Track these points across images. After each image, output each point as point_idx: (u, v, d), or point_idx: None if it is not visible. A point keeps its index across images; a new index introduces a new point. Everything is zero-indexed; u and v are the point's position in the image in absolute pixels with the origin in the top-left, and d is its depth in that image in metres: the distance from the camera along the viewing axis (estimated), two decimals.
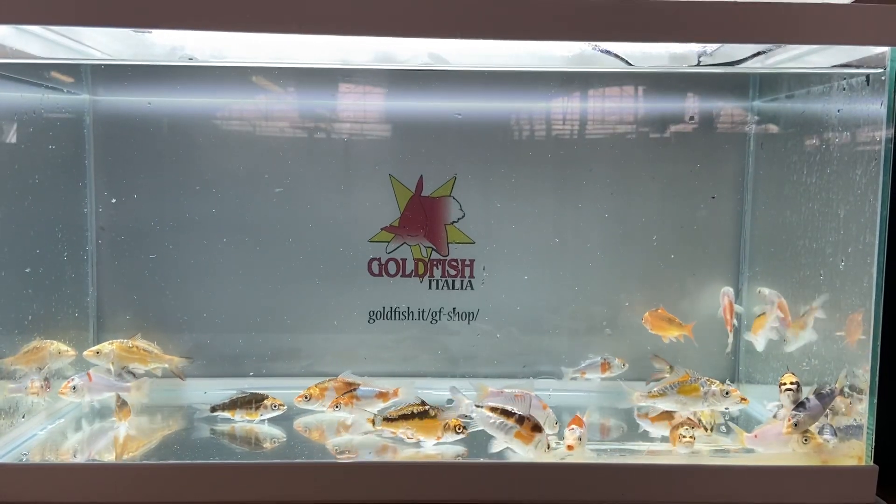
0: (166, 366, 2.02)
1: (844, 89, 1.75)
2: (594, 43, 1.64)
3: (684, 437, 1.73)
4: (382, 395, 1.89)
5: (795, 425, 1.67)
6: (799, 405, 1.70)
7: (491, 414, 1.65)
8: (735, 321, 2.10)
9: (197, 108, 2.12)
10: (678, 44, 1.68)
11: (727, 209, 2.18)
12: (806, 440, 1.68)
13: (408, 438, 1.77)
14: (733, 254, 2.19)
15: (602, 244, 2.18)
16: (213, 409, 1.91)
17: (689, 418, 1.80)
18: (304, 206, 2.14)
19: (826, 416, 1.71)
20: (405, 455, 1.72)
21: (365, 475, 1.58)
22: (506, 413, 1.64)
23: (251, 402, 1.90)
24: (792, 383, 1.75)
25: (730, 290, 2.12)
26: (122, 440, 1.82)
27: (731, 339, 2.10)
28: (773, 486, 1.60)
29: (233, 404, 1.91)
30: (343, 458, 1.70)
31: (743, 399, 1.78)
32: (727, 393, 1.77)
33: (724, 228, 2.18)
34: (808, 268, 1.87)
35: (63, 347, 1.95)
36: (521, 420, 1.63)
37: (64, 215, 2.05)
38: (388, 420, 1.77)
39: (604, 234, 2.18)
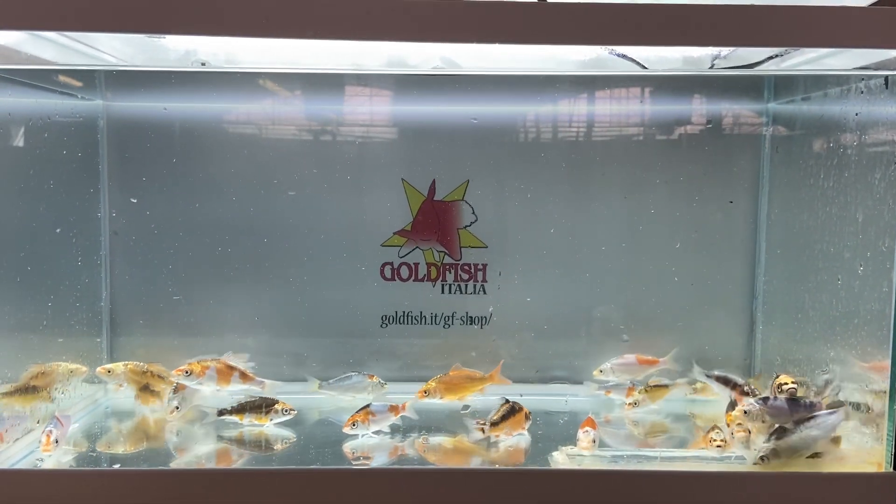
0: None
1: (863, 92, 1.73)
2: (609, 47, 1.63)
3: (715, 440, 1.70)
4: (394, 409, 1.87)
5: (745, 412, 1.65)
6: (764, 398, 1.68)
7: None
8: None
9: (209, 113, 2.13)
10: (693, 47, 1.67)
11: (742, 213, 2.16)
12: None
13: (504, 436, 1.79)
14: (748, 258, 2.18)
15: (616, 248, 2.17)
16: (221, 413, 1.88)
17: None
18: (316, 210, 2.14)
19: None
20: (418, 461, 1.73)
21: (378, 481, 1.58)
22: None
23: (261, 406, 1.88)
24: (793, 382, 1.71)
25: None
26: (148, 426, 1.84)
27: None
28: (789, 492, 1.58)
29: (241, 408, 1.88)
30: (358, 465, 1.70)
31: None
32: None
33: (740, 232, 2.17)
34: (826, 272, 1.86)
35: (73, 365, 1.91)
36: None
37: (78, 220, 2.05)
38: (495, 424, 1.78)
39: (617, 238, 2.17)
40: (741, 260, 2.18)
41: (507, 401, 1.84)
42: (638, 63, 1.75)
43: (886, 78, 1.65)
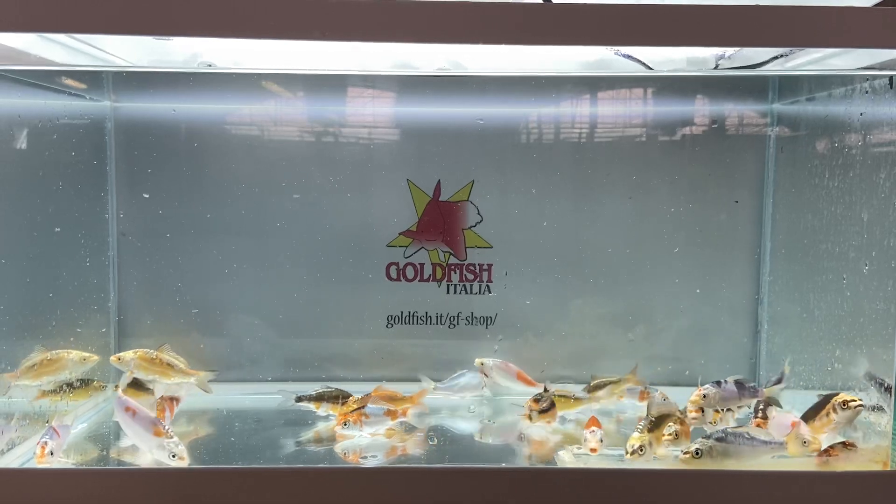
0: (192, 381, 2.00)
1: (867, 92, 1.74)
2: (615, 48, 1.64)
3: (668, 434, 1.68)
4: (391, 414, 1.86)
5: (704, 396, 1.67)
6: (717, 382, 1.72)
7: None
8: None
9: (216, 114, 2.14)
10: (697, 48, 1.67)
11: (747, 213, 2.16)
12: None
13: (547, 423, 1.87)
14: (753, 258, 2.18)
15: (621, 248, 2.17)
16: (299, 399, 1.93)
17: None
18: (322, 211, 2.15)
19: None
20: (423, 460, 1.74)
21: (380, 480, 1.58)
22: None
23: (338, 398, 1.92)
24: (860, 401, 1.68)
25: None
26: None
27: None
28: (792, 491, 1.58)
29: (319, 397, 1.93)
30: (365, 464, 1.70)
31: None
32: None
33: (745, 232, 2.17)
34: (831, 272, 1.86)
35: (85, 354, 1.91)
36: None
37: (86, 221, 2.06)
38: (544, 412, 1.86)
39: (622, 238, 2.17)
40: (746, 260, 2.18)
41: (546, 389, 1.91)
42: (643, 63, 1.76)
43: (891, 78, 1.65)
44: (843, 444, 1.65)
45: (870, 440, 1.68)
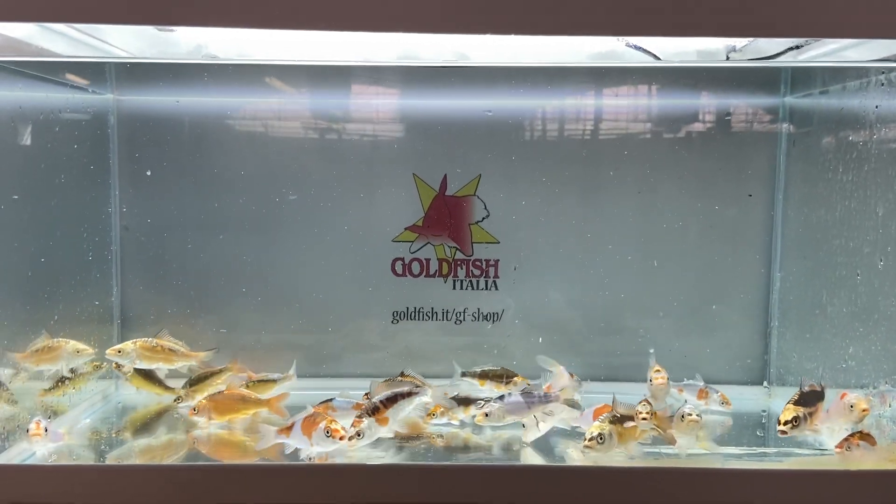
0: (194, 363, 2.00)
1: (883, 84, 1.71)
2: (624, 39, 1.61)
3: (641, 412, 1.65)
4: (359, 407, 1.81)
5: (486, 416, 1.67)
6: (500, 397, 1.70)
7: None
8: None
9: (220, 107, 2.12)
10: (708, 38, 1.65)
11: (758, 208, 2.14)
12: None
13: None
14: (765, 253, 2.15)
15: (629, 244, 2.15)
16: (463, 375, 1.97)
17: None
18: (327, 205, 2.13)
19: None
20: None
21: (383, 478, 1.56)
22: None
23: (502, 376, 1.96)
24: (786, 423, 1.62)
25: None
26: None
27: None
28: (805, 490, 1.55)
29: (484, 375, 1.97)
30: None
31: None
32: None
33: (756, 228, 2.14)
34: (845, 267, 1.83)
35: (80, 346, 1.90)
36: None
37: (89, 215, 2.05)
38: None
39: (631, 233, 2.15)
40: (757, 256, 2.15)
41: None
42: (652, 55, 1.73)
43: None
44: (862, 433, 1.62)
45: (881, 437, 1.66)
